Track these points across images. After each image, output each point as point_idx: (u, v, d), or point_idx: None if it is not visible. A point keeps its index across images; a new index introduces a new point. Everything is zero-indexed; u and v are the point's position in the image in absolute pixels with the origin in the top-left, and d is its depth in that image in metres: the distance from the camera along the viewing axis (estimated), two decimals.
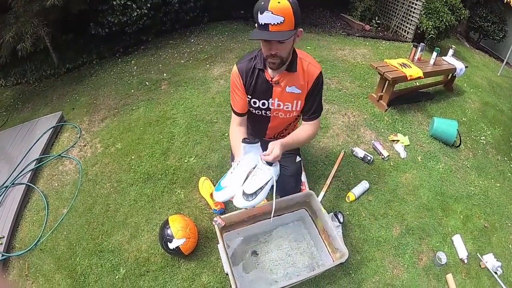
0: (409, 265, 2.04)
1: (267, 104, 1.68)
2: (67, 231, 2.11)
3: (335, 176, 2.44)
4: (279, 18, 1.28)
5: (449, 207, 2.45)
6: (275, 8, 1.26)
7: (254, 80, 1.61)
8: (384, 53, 4.51)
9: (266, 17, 1.28)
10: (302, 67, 1.57)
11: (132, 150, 2.59)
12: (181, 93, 3.24)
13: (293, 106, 1.67)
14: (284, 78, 1.57)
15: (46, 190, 2.39)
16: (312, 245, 1.91)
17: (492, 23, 6.37)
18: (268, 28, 1.31)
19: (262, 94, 1.65)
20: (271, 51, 1.41)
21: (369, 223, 2.20)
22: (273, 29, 1.31)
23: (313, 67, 1.58)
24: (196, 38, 4.45)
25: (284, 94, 1.62)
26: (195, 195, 2.23)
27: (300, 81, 1.59)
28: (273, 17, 1.28)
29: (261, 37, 1.36)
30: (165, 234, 1.79)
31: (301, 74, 1.58)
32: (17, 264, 1.99)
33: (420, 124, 3.17)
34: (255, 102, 1.69)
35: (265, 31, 1.32)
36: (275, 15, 1.27)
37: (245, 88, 1.64)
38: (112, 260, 1.94)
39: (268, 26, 1.30)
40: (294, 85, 1.59)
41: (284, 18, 1.28)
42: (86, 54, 4.16)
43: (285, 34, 1.33)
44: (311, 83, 1.60)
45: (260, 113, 1.73)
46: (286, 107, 1.67)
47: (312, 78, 1.58)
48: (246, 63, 1.61)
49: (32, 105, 3.55)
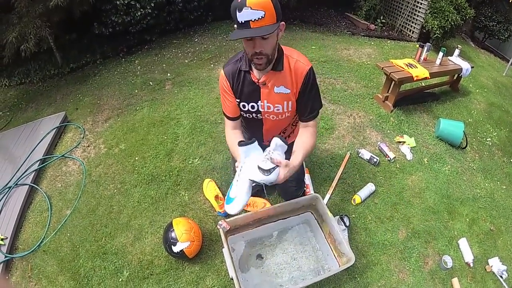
0: (415, 269, 2.02)
1: (256, 106, 1.61)
2: (71, 233, 2.10)
3: (340, 178, 2.41)
4: (259, 13, 1.21)
5: (455, 210, 2.43)
6: (254, 3, 1.19)
7: (241, 83, 1.54)
8: (389, 53, 4.48)
9: (246, 14, 1.21)
10: (289, 64, 1.49)
11: (136, 151, 2.58)
12: (185, 93, 3.22)
13: (283, 107, 1.59)
14: (271, 78, 1.50)
15: (49, 191, 2.38)
16: (318, 248, 1.89)
17: (497, 22, 6.31)
18: (249, 25, 1.24)
19: (250, 97, 1.58)
20: (255, 49, 1.34)
21: (375, 226, 2.18)
22: (254, 25, 1.24)
23: (301, 63, 1.49)
24: (200, 37, 4.43)
25: (273, 95, 1.55)
26: (199, 197, 2.22)
27: (288, 80, 1.51)
28: (253, 13, 1.21)
29: (243, 35, 1.27)
30: (169, 237, 1.78)
31: (288, 73, 1.50)
32: (20, 265, 1.97)
33: (426, 125, 3.14)
34: (244, 105, 1.62)
35: (246, 29, 1.25)
36: (255, 10, 1.20)
37: (233, 91, 1.58)
38: (115, 262, 1.93)
39: (248, 23, 1.23)
40: (282, 84, 1.52)
41: (264, 12, 1.22)
42: (89, 53, 4.16)
43: (269, 28, 1.25)
44: (301, 82, 1.51)
45: (251, 116, 1.66)
46: (277, 109, 1.60)
47: (301, 76, 1.50)
48: (231, 66, 1.55)
49: (36, 105, 3.54)
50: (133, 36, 4.28)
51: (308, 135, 1.60)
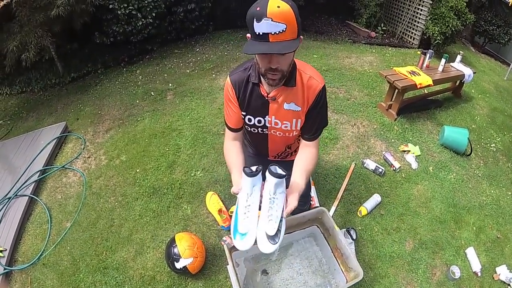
0: (422, 280, 1.99)
1: (263, 121, 1.50)
2: (71, 246, 2.06)
3: (346, 189, 2.38)
4: (280, 26, 1.09)
5: (461, 219, 2.40)
6: (276, 14, 1.08)
7: (248, 95, 1.43)
8: (391, 60, 4.47)
9: (265, 26, 1.09)
10: (302, 80, 1.39)
11: (137, 163, 2.55)
12: (186, 104, 3.20)
13: (292, 125, 1.48)
14: (281, 94, 1.39)
15: (49, 202, 2.35)
16: (324, 263, 1.84)
17: (497, 26, 6.34)
18: (267, 38, 1.12)
19: (257, 111, 1.47)
20: (271, 65, 1.21)
21: (382, 238, 2.14)
22: (273, 39, 1.12)
23: (315, 81, 1.39)
24: (201, 47, 4.43)
25: (282, 112, 1.44)
26: (202, 211, 2.18)
27: (300, 97, 1.40)
28: (274, 25, 1.09)
29: (261, 51, 1.15)
30: (171, 253, 1.74)
31: (300, 89, 1.39)
32: (19, 278, 1.94)
33: (430, 132, 3.11)
34: (250, 119, 1.51)
35: (264, 42, 1.13)
36: (276, 22, 1.08)
37: (238, 102, 1.47)
38: (116, 277, 1.88)
39: (267, 36, 1.11)
40: (293, 101, 1.41)
41: (286, 25, 1.10)
42: (91, 63, 4.15)
43: (290, 45, 1.13)
44: (312, 99, 1.40)
45: (256, 131, 1.56)
46: (285, 126, 1.49)
47: (314, 93, 1.39)
48: (239, 74, 1.43)
49: (37, 114, 3.53)
50: (134, 46, 4.27)
51: (310, 155, 1.50)
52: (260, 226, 1.23)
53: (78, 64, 4.13)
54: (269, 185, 1.24)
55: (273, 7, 1.07)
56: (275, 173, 1.22)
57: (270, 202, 1.23)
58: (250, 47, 1.16)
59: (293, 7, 1.11)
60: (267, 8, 1.07)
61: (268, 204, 1.23)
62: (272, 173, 1.22)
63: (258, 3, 1.11)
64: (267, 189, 1.25)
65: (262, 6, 1.08)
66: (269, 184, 1.24)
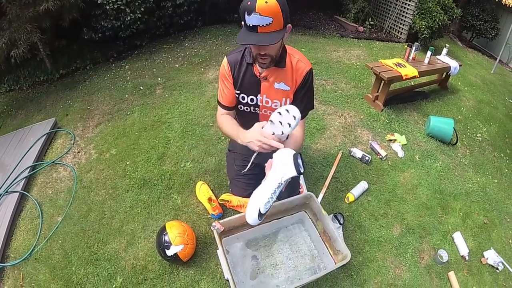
0: (411, 264, 2.03)
1: (255, 100, 1.65)
2: (62, 240, 2.06)
3: (333, 177, 2.42)
4: (267, 19, 1.25)
5: (448, 205, 2.45)
6: (263, 9, 1.23)
7: (243, 74, 1.58)
8: (378, 54, 4.53)
9: (254, 19, 1.25)
10: (291, 63, 1.54)
11: (127, 156, 2.55)
12: (176, 97, 3.20)
13: (281, 103, 1.62)
14: (272, 74, 1.55)
15: (40, 198, 2.34)
16: (313, 247, 1.88)
17: (485, 21, 6.44)
18: (256, 30, 1.28)
19: (250, 89, 1.62)
20: (260, 51, 1.39)
21: (369, 224, 2.18)
22: (262, 30, 1.28)
23: (303, 63, 1.55)
24: (190, 42, 4.43)
25: (272, 91, 1.59)
26: (192, 200, 2.19)
27: (289, 77, 1.56)
28: (262, 19, 1.25)
29: (250, 42, 1.32)
30: (162, 241, 1.75)
31: (289, 70, 1.55)
32: (11, 274, 1.93)
33: (417, 123, 3.17)
34: (243, 97, 1.65)
35: (254, 33, 1.29)
36: (264, 16, 1.24)
37: (233, 78, 1.61)
38: (108, 268, 1.89)
39: (256, 27, 1.28)
40: (283, 81, 1.56)
41: (272, 18, 1.26)
42: (79, 59, 4.13)
43: (275, 36, 1.30)
44: (300, 80, 1.56)
45: (249, 109, 1.69)
46: (275, 104, 1.63)
47: (301, 74, 1.55)
48: (235, 55, 1.59)
49: (26, 111, 3.50)
50: (123, 42, 4.27)
51: (296, 134, 1.62)
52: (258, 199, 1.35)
53: (66, 61, 4.12)
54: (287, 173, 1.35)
55: (261, 3, 1.22)
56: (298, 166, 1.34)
57: (277, 186, 1.35)
58: (242, 37, 1.32)
59: (280, 1, 1.26)
60: (256, 4, 1.22)
61: (275, 187, 1.35)
62: (296, 164, 1.34)
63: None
64: (281, 174, 1.36)
65: (252, 1, 1.23)
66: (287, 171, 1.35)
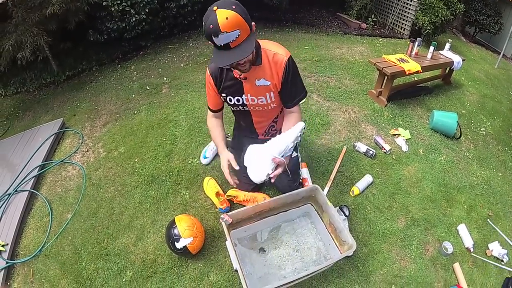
0: (416, 256, 2.05)
1: (241, 100, 1.70)
2: (72, 236, 2.10)
3: (338, 171, 2.44)
4: (235, 33, 1.26)
5: (452, 198, 2.47)
6: (227, 26, 1.23)
7: (224, 79, 1.63)
8: (382, 50, 4.54)
9: (223, 38, 1.26)
10: (268, 58, 1.56)
11: (135, 154, 2.60)
12: (182, 96, 3.24)
13: (267, 98, 1.67)
14: (251, 73, 1.57)
15: (49, 196, 2.38)
16: (319, 239, 1.91)
17: (488, 16, 6.40)
18: (229, 46, 1.30)
19: (234, 91, 1.67)
20: (240, 63, 1.43)
21: (374, 216, 2.20)
22: (233, 45, 1.30)
23: (280, 55, 1.56)
24: (194, 42, 4.47)
25: (255, 88, 1.63)
26: (200, 195, 2.23)
27: (268, 72, 1.58)
28: (229, 35, 1.26)
29: (229, 62, 1.35)
30: (172, 234, 1.79)
31: (267, 66, 1.57)
32: (21, 271, 1.97)
33: (420, 117, 3.18)
34: (230, 99, 1.72)
35: (227, 51, 1.31)
36: (230, 32, 1.25)
37: (218, 88, 1.68)
38: (118, 263, 1.93)
39: (228, 44, 1.29)
40: (263, 77, 1.59)
41: (239, 30, 1.27)
42: (85, 61, 4.18)
43: (249, 45, 1.32)
44: (281, 72, 1.58)
45: (238, 109, 1.77)
46: (260, 100, 1.68)
47: (281, 67, 1.57)
48: (214, 65, 1.64)
49: (33, 113, 3.56)
50: (128, 43, 4.31)
51: (293, 120, 1.70)
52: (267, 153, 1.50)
53: (72, 63, 4.17)
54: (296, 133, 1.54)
55: (223, 21, 1.23)
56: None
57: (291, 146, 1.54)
58: (218, 59, 1.35)
59: (238, 10, 1.26)
60: (219, 24, 1.23)
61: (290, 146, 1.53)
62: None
63: (208, 20, 1.26)
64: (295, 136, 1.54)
65: (214, 23, 1.24)
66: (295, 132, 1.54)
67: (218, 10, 1.23)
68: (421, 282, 1.93)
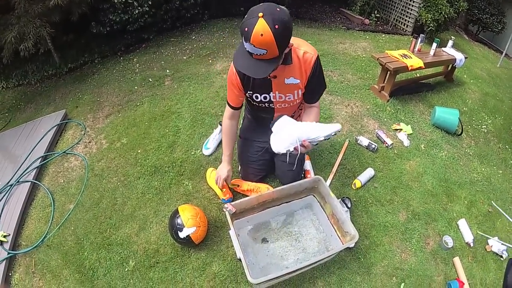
0: (416, 249, 2.06)
1: (268, 97, 1.69)
2: (74, 226, 2.11)
3: (340, 164, 2.45)
4: (261, 51, 1.26)
5: (453, 193, 2.48)
6: (257, 42, 1.22)
7: (253, 78, 1.58)
8: (384, 46, 4.53)
9: (249, 47, 1.26)
10: (298, 57, 1.55)
11: (138, 145, 2.60)
12: (184, 88, 3.24)
13: (294, 95, 1.68)
14: (281, 72, 1.56)
15: (51, 187, 2.38)
16: (322, 230, 1.93)
17: (491, 15, 6.39)
18: (252, 55, 1.30)
19: (262, 89, 1.66)
20: None
21: (376, 209, 2.22)
22: (256, 57, 1.30)
23: (309, 54, 1.56)
24: (197, 35, 4.46)
25: (284, 86, 1.63)
26: (203, 186, 2.24)
27: (297, 70, 1.58)
28: (256, 49, 1.26)
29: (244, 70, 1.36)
30: (175, 223, 1.79)
31: (297, 64, 1.56)
32: (23, 261, 1.97)
33: (422, 113, 3.19)
34: (256, 96, 1.70)
35: (249, 58, 1.32)
36: (257, 48, 1.25)
37: (243, 85, 1.65)
38: (120, 253, 1.94)
39: (252, 54, 1.30)
40: (292, 75, 1.59)
41: (266, 51, 1.26)
42: (87, 53, 4.18)
43: (268, 67, 1.32)
44: (310, 70, 1.58)
45: (263, 105, 1.75)
46: (288, 97, 1.69)
47: (310, 65, 1.57)
48: None
49: (35, 105, 3.56)
50: (131, 35, 4.30)
51: (314, 113, 1.73)
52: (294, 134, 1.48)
53: (74, 55, 4.17)
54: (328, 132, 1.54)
55: (257, 35, 1.21)
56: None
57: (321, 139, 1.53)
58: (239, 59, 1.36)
59: (277, 32, 1.22)
60: (252, 34, 1.21)
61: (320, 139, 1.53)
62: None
63: (248, 21, 1.23)
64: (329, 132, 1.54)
65: (249, 30, 1.21)
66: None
67: (261, 19, 1.20)
68: (421, 275, 1.95)
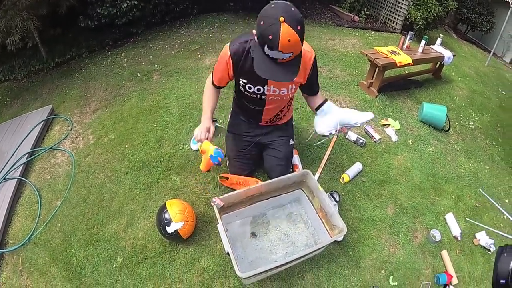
0: (404, 242, 2.09)
1: (262, 89, 1.68)
2: (61, 223, 2.07)
3: (329, 159, 2.46)
4: (287, 55, 1.26)
5: (440, 188, 2.51)
6: (286, 47, 1.22)
7: (249, 66, 1.55)
8: (373, 43, 4.56)
9: (275, 54, 1.25)
10: None
11: (125, 140, 2.57)
12: (173, 83, 3.21)
13: (288, 90, 1.70)
14: None
15: (38, 183, 2.34)
16: (310, 224, 1.93)
17: (480, 14, 6.47)
18: (276, 60, 1.30)
19: (257, 81, 1.63)
20: None
21: (364, 203, 2.23)
22: (281, 61, 1.30)
23: (308, 52, 1.57)
24: (186, 29, 4.43)
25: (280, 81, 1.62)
26: (191, 181, 2.22)
27: None
28: (282, 55, 1.25)
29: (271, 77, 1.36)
30: (163, 218, 1.77)
31: None
32: (10, 260, 1.94)
33: (410, 109, 3.22)
34: (250, 87, 1.68)
35: (273, 64, 1.30)
36: (285, 53, 1.24)
37: (235, 70, 1.62)
38: (108, 249, 1.91)
39: (276, 59, 1.29)
40: None
41: (293, 53, 1.27)
42: (75, 47, 4.11)
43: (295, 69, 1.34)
44: (309, 69, 1.62)
45: (255, 96, 1.74)
46: (282, 91, 1.70)
47: (309, 63, 1.60)
48: (239, 45, 1.55)
49: (22, 100, 3.49)
50: (119, 30, 4.25)
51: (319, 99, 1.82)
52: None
53: (62, 49, 4.10)
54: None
55: (284, 42, 1.19)
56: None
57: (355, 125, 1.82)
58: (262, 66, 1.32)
59: (301, 32, 1.21)
60: (279, 42, 1.19)
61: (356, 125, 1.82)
62: None
63: (268, 28, 1.19)
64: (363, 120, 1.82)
65: (274, 37, 1.19)
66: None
67: (284, 24, 1.17)
68: (409, 268, 1.98)
